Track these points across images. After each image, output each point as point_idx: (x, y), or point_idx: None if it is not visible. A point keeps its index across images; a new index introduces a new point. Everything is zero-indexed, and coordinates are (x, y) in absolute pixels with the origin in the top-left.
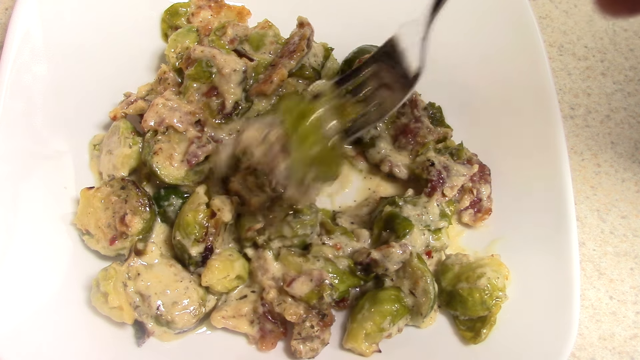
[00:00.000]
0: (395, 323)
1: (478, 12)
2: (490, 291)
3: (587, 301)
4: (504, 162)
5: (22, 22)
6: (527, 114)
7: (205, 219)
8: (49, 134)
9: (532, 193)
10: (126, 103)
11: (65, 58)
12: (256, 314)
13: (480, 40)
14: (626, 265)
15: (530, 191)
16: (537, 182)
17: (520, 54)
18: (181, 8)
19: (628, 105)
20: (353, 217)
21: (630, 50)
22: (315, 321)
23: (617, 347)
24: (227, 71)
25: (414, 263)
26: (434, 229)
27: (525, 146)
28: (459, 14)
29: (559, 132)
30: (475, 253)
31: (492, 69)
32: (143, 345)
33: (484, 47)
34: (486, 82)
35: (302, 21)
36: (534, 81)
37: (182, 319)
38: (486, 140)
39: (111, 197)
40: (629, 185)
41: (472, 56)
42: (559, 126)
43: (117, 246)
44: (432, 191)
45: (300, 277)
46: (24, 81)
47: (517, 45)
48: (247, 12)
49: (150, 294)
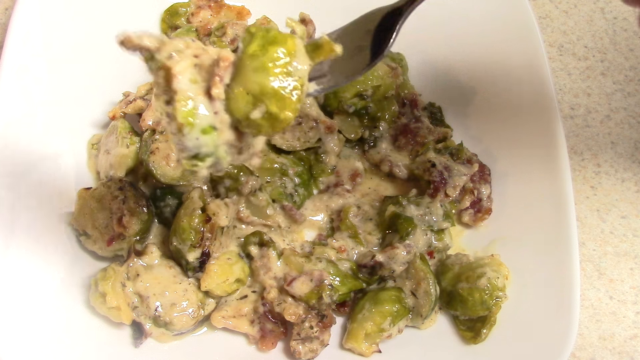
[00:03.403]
0: (396, 324)
1: (478, 12)
2: (490, 291)
3: (587, 301)
4: (504, 162)
5: (22, 22)
6: (527, 114)
7: (200, 224)
8: (49, 133)
9: (532, 193)
10: (125, 102)
11: (65, 58)
12: (256, 313)
13: (480, 40)
14: (626, 265)
15: (530, 191)
16: (537, 182)
17: (520, 54)
18: (181, 8)
19: (628, 105)
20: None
21: (630, 50)
22: (314, 322)
23: (617, 347)
24: None
25: (417, 264)
26: (437, 230)
27: (525, 146)
28: (459, 14)
29: (558, 132)
30: (475, 253)
31: (492, 68)
32: (140, 346)
33: (484, 47)
34: (486, 82)
35: (305, 18)
36: (534, 81)
37: (181, 321)
38: (486, 140)
39: (109, 198)
40: (629, 185)
41: (472, 56)
42: (558, 126)
43: (115, 247)
44: (435, 192)
45: (301, 276)
46: (24, 81)
47: (517, 45)
48: (247, 12)
49: (149, 295)
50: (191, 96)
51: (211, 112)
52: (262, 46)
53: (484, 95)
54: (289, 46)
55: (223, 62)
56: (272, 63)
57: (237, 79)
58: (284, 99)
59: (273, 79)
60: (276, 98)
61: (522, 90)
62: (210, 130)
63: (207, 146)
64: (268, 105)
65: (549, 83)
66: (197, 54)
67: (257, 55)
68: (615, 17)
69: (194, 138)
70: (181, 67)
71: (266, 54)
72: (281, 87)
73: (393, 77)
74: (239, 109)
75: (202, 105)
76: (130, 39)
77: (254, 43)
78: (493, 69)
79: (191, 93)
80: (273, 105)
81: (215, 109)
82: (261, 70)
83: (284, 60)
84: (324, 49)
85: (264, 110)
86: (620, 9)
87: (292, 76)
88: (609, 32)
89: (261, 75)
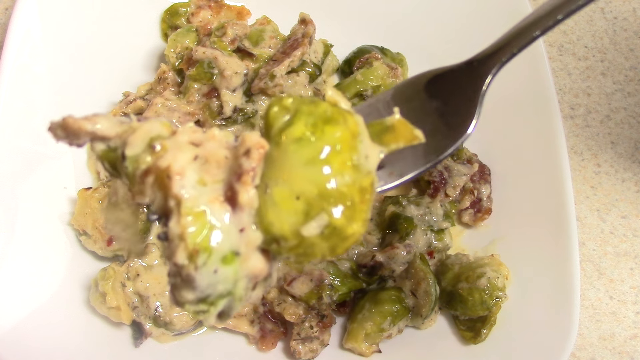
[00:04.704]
0: (396, 324)
1: (478, 12)
2: (490, 291)
3: (587, 301)
4: (504, 162)
5: (22, 22)
6: (527, 114)
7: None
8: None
9: (532, 193)
10: (125, 102)
11: (65, 58)
12: (257, 313)
13: (480, 40)
14: (626, 265)
15: (530, 191)
16: (537, 182)
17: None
18: (181, 8)
19: (628, 105)
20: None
21: (630, 50)
22: (314, 322)
23: (617, 347)
24: (228, 73)
25: (417, 264)
26: (437, 230)
27: (525, 146)
28: (459, 14)
29: (559, 132)
30: (475, 253)
31: None
32: (140, 346)
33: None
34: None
35: (305, 18)
36: (534, 81)
37: (181, 321)
38: (486, 140)
39: None
40: (629, 185)
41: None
42: (559, 126)
43: (114, 247)
44: (435, 192)
45: (301, 276)
46: (24, 81)
47: None
48: (247, 12)
49: (149, 295)
50: (204, 208)
51: (235, 230)
52: (314, 126)
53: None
54: (351, 126)
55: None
56: (333, 152)
57: (272, 177)
58: (354, 205)
59: (336, 175)
60: (343, 204)
61: (522, 90)
62: (232, 258)
63: (226, 282)
64: (331, 216)
65: (549, 83)
66: (195, 141)
67: (307, 139)
68: (615, 17)
69: (210, 272)
70: (181, 162)
71: (322, 137)
72: (348, 187)
73: (393, 77)
74: (280, 222)
75: (219, 219)
76: (69, 123)
77: (299, 122)
78: None
79: (203, 202)
80: (339, 214)
81: (241, 224)
82: (317, 163)
83: (349, 148)
84: (398, 133)
85: (324, 223)
86: (620, 8)
87: (360, 171)
88: (609, 32)
89: (317, 169)
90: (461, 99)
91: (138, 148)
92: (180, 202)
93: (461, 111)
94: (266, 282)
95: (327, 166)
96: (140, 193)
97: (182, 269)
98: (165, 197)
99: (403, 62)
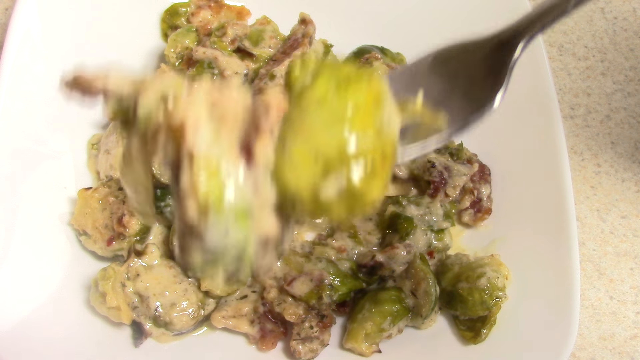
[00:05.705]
0: (396, 324)
1: (477, 12)
2: (490, 291)
3: (587, 301)
4: (504, 162)
5: (22, 22)
6: (527, 114)
7: None
8: (49, 133)
9: (532, 193)
10: None
11: (65, 58)
12: (257, 313)
13: None
14: (626, 265)
15: (530, 191)
16: (537, 182)
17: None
18: (181, 8)
19: (628, 105)
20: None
21: (630, 50)
22: (314, 322)
23: (617, 347)
24: (228, 73)
25: (417, 264)
26: (437, 230)
27: (525, 146)
28: (458, 14)
29: (559, 132)
30: (475, 253)
31: None
32: (140, 346)
33: None
34: None
35: (305, 18)
36: (534, 81)
37: (181, 321)
38: (486, 140)
39: (109, 198)
40: (629, 185)
41: None
42: (559, 126)
43: (114, 247)
44: (435, 192)
45: (301, 276)
46: (24, 81)
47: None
48: (247, 12)
49: (149, 295)
50: (218, 163)
51: (248, 188)
52: (337, 86)
53: None
54: (374, 88)
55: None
56: (355, 112)
57: (291, 136)
58: (375, 167)
59: (358, 136)
60: (363, 167)
61: (522, 90)
62: (244, 217)
63: (237, 244)
64: (350, 177)
65: (549, 83)
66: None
67: (329, 99)
68: (615, 17)
69: (222, 231)
70: (195, 116)
71: (345, 97)
72: (370, 150)
73: None
74: (298, 179)
75: (233, 176)
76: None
77: (321, 83)
78: None
79: (217, 158)
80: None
81: (255, 181)
82: (339, 122)
83: (371, 109)
84: (423, 115)
85: (342, 184)
86: (620, 8)
87: (381, 135)
88: (609, 32)
89: (339, 129)
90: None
91: (151, 104)
92: (193, 157)
93: (487, 84)
94: (277, 248)
95: (347, 128)
96: (154, 150)
97: (192, 227)
98: (178, 153)
99: (403, 62)
